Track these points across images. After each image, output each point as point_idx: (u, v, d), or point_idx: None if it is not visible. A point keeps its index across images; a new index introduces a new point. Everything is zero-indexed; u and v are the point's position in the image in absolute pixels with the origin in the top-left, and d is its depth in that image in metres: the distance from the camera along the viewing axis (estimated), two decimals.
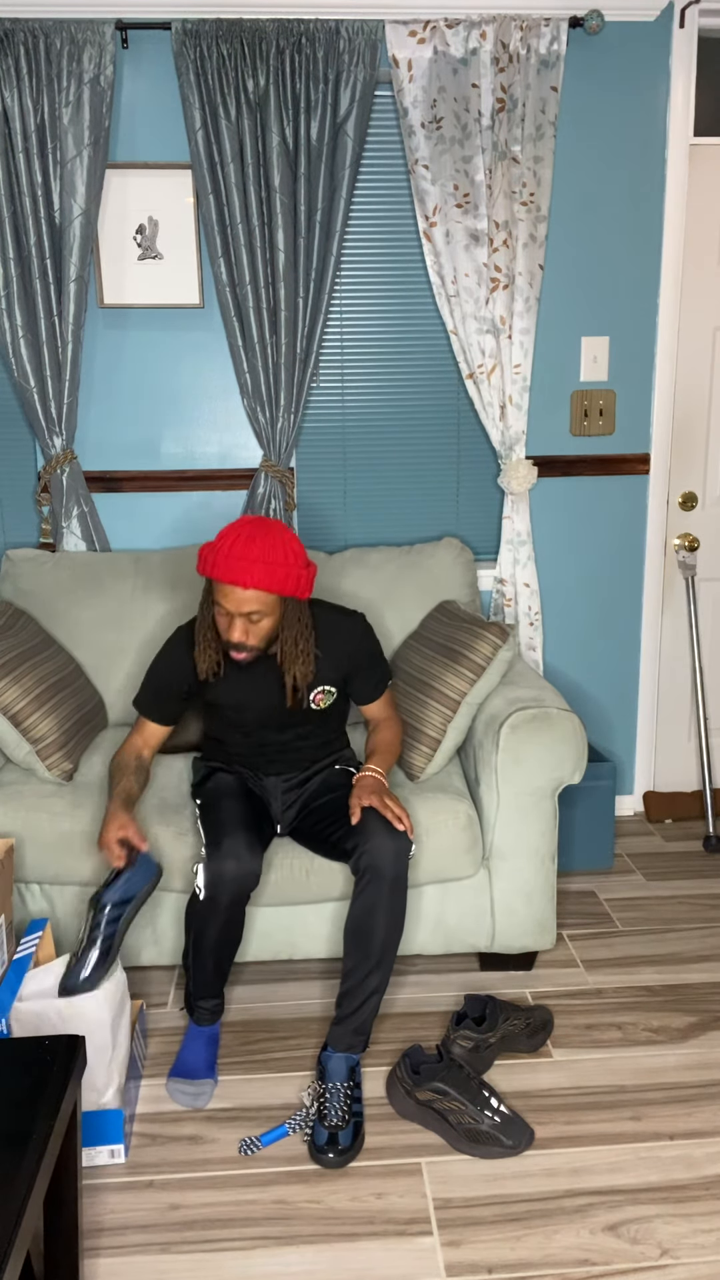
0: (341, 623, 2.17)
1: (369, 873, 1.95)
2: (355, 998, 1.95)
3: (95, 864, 2.18)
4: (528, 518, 2.92)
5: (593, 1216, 1.71)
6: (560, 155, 2.80)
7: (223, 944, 2.00)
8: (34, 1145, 1.28)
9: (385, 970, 1.97)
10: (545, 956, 2.47)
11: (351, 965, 1.96)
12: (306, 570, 2.00)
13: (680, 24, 2.73)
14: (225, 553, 1.93)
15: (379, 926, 1.94)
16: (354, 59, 2.58)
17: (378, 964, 1.95)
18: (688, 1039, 2.16)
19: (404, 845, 1.96)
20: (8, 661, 2.29)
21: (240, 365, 2.77)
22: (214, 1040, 2.08)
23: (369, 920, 1.94)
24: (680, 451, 3.05)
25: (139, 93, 2.69)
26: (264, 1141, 1.87)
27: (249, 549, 1.92)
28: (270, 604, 1.98)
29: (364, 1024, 1.95)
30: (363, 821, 1.99)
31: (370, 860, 1.94)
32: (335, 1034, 1.95)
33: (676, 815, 3.23)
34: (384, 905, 1.94)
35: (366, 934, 1.95)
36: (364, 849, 1.96)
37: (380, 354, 2.92)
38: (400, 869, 1.95)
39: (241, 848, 1.95)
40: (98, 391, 2.86)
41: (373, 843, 1.95)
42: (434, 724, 2.31)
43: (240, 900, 1.96)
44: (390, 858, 1.94)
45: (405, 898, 1.97)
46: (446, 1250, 1.65)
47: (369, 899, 1.95)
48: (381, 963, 1.95)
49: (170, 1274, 1.61)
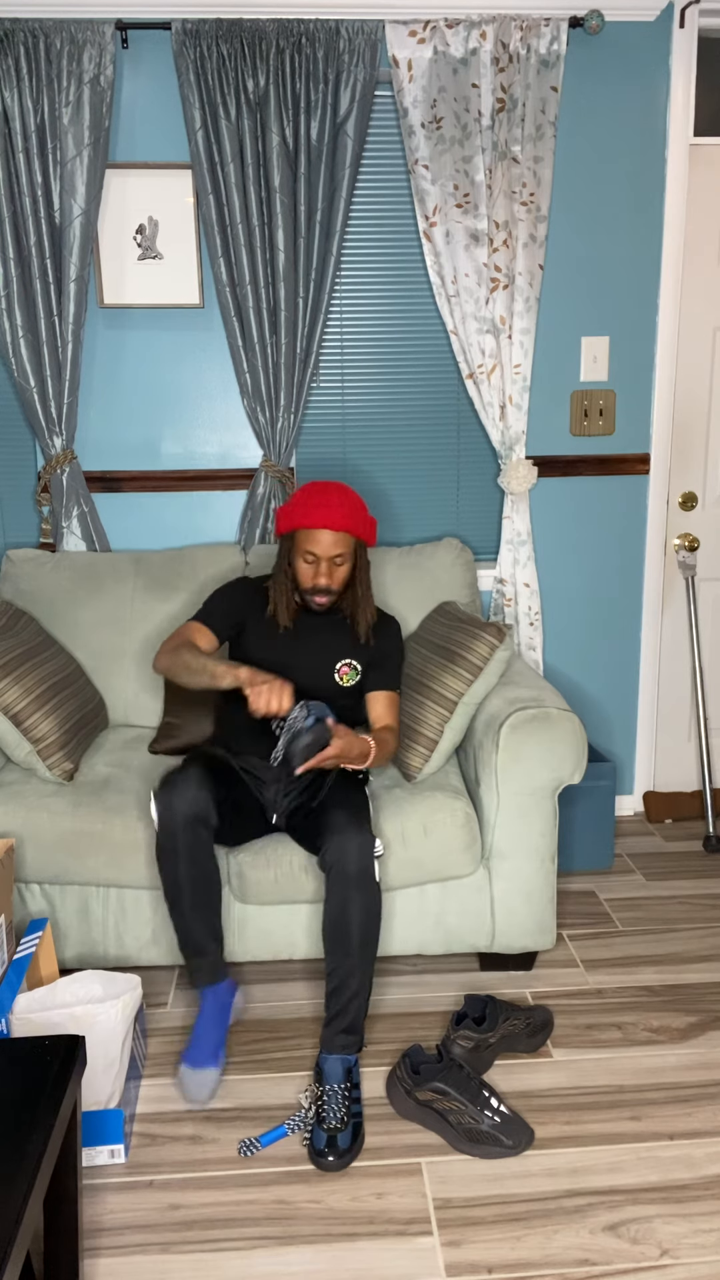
0: (386, 618, 2.39)
1: (334, 870, 1.96)
2: (340, 997, 1.95)
3: (96, 864, 2.19)
4: (528, 518, 2.92)
5: (593, 1216, 1.71)
6: (560, 155, 2.80)
7: (196, 883, 2.00)
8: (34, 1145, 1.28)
9: (366, 967, 1.96)
10: (545, 956, 2.47)
11: (333, 965, 1.96)
12: (372, 518, 2.27)
13: (680, 24, 2.73)
14: (311, 504, 2.17)
15: (352, 923, 1.94)
16: (354, 59, 2.58)
17: (358, 961, 1.95)
18: (688, 1039, 2.16)
19: (367, 840, 1.96)
20: (8, 661, 2.29)
21: (240, 365, 2.77)
22: (222, 1013, 2.04)
23: (342, 918, 1.95)
24: (680, 451, 3.05)
25: (139, 93, 2.69)
26: (263, 1142, 1.87)
27: (328, 498, 2.18)
28: (351, 547, 2.22)
29: (354, 1024, 1.95)
30: (328, 820, 2.01)
31: (334, 857, 1.95)
32: (326, 1036, 1.95)
33: (676, 815, 3.23)
34: (354, 901, 1.94)
35: (342, 932, 1.95)
36: (327, 846, 1.97)
37: (380, 354, 2.92)
38: (364, 864, 1.95)
39: (190, 778, 1.99)
40: (98, 391, 2.86)
41: (334, 840, 1.96)
42: (431, 724, 2.31)
43: (195, 827, 1.97)
44: (354, 854, 1.95)
45: (376, 893, 1.97)
46: (446, 1250, 1.65)
47: (338, 896, 1.95)
48: (361, 960, 1.95)
49: (170, 1274, 1.61)
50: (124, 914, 2.23)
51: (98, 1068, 1.85)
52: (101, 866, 2.18)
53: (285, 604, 2.27)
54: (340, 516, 2.17)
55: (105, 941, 2.25)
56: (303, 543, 2.19)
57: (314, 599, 2.24)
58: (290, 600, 2.28)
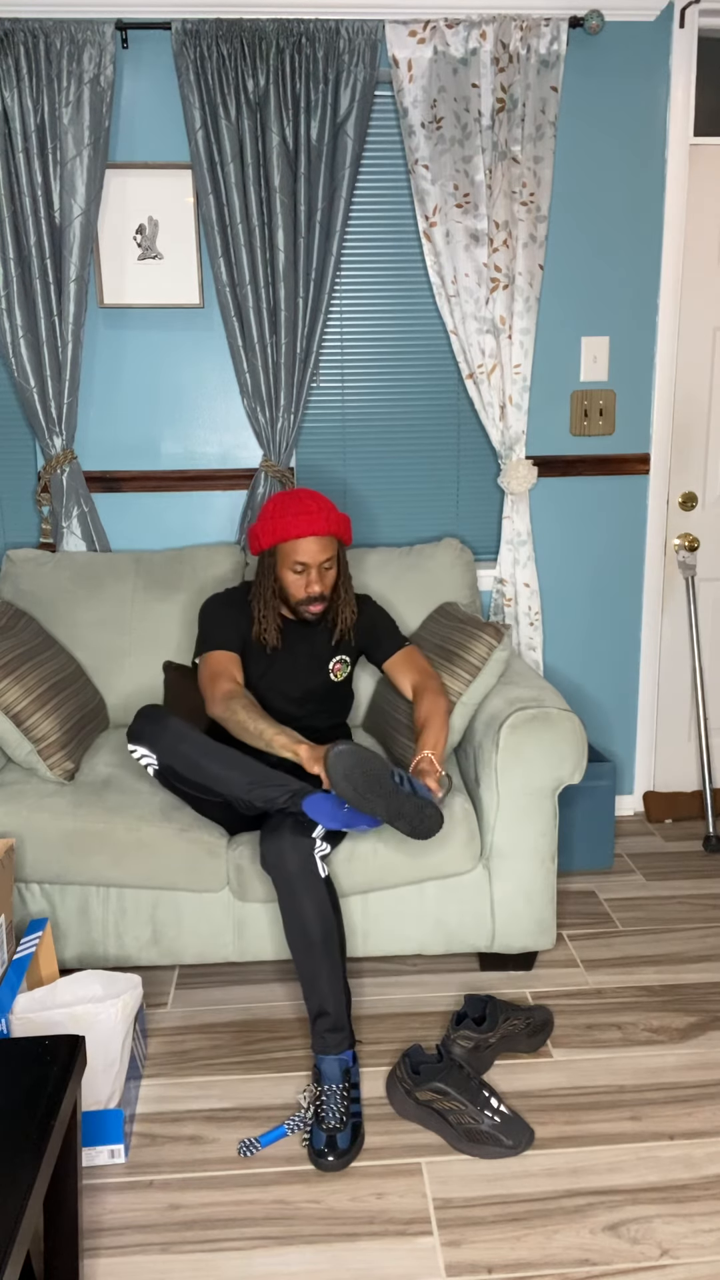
0: (359, 601, 2.39)
1: (275, 872, 1.96)
2: (316, 997, 1.95)
3: (96, 864, 2.18)
4: (528, 518, 2.92)
5: (593, 1216, 1.71)
6: (560, 155, 2.80)
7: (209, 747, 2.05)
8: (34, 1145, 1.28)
9: (332, 962, 1.95)
10: (545, 956, 2.47)
11: (299, 967, 1.96)
12: (344, 515, 2.27)
13: (680, 24, 2.73)
14: (289, 515, 2.15)
15: (307, 922, 1.94)
16: (354, 59, 2.58)
17: (323, 959, 1.94)
18: (688, 1039, 2.16)
19: (302, 840, 1.95)
20: (9, 661, 2.29)
21: (240, 365, 2.77)
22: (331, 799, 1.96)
23: (296, 919, 1.95)
24: (680, 451, 3.05)
25: (139, 93, 2.69)
26: (263, 1142, 1.87)
27: (305, 505, 2.16)
28: (335, 548, 2.21)
29: (338, 1021, 1.94)
30: (267, 821, 2.02)
31: (273, 860, 1.96)
32: (315, 1038, 1.95)
33: (676, 815, 3.23)
34: (304, 901, 1.94)
35: (298, 933, 1.95)
36: (264, 850, 1.98)
37: (380, 354, 2.92)
38: (302, 862, 1.94)
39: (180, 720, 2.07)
40: (98, 391, 2.86)
41: (269, 843, 1.97)
42: None
43: (184, 723, 2.06)
44: (289, 853, 1.94)
45: (324, 889, 1.96)
46: (446, 1250, 1.65)
47: (285, 898, 1.96)
48: (326, 957, 1.94)
49: (170, 1274, 1.61)
50: (124, 914, 2.23)
51: (98, 1068, 1.85)
52: (103, 867, 2.18)
53: (273, 622, 2.25)
54: (322, 521, 2.16)
55: (105, 941, 2.25)
56: (289, 555, 2.18)
57: (308, 609, 2.23)
58: (277, 618, 2.27)
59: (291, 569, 2.19)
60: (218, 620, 2.30)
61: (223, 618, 2.30)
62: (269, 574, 2.23)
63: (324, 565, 2.19)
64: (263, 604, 2.25)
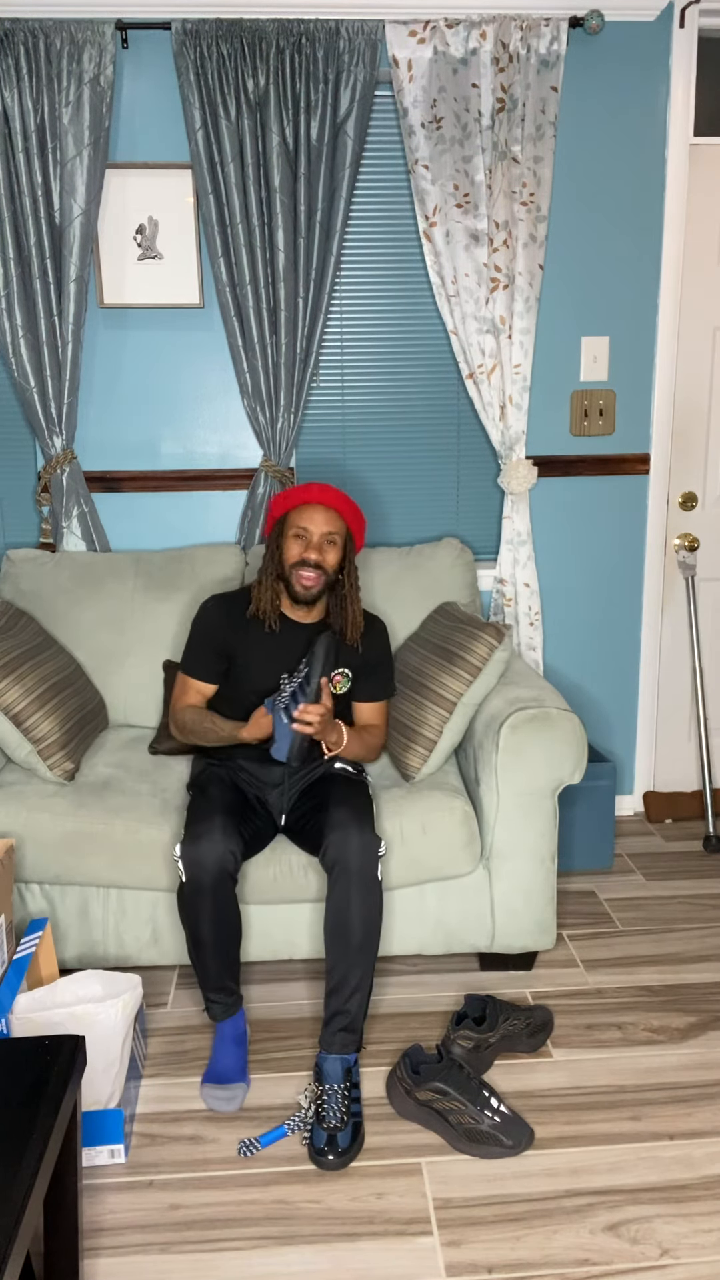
0: (373, 620, 2.36)
1: (336, 867, 1.96)
2: (339, 995, 1.95)
3: (96, 864, 2.19)
4: (528, 518, 2.92)
5: (593, 1216, 1.71)
6: (560, 155, 2.80)
7: (220, 930, 1.99)
8: (34, 1145, 1.28)
9: (366, 966, 1.96)
10: (545, 956, 2.47)
11: (333, 963, 1.96)
12: (363, 518, 2.29)
13: (680, 24, 2.73)
14: (306, 487, 2.21)
15: (354, 921, 1.95)
16: (354, 59, 2.58)
17: (358, 960, 1.95)
18: (688, 1039, 2.16)
19: (370, 840, 1.97)
20: (9, 661, 2.29)
21: (240, 365, 2.77)
22: (241, 1040, 2.07)
23: (343, 916, 1.95)
24: (680, 451, 3.05)
25: (139, 93, 2.69)
26: (263, 1142, 1.87)
27: (325, 486, 2.22)
28: (342, 531, 2.22)
29: (353, 1023, 1.95)
30: (330, 817, 2.01)
31: (337, 854, 1.96)
32: (325, 1035, 1.95)
33: (676, 815, 3.23)
34: (356, 900, 1.95)
35: (342, 930, 1.95)
36: (329, 843, 1.97)
37: (380, 354, 2.92)
38: (366, 861, 1.95)
39: (216, 830, 1.96)
40: (98, 391, 2.86)
41: (336, 836, 1.96)
42: (430, 725, 2.31)
43: (223, 880, 1.96)
44: (356, 850, 1.95)
45: (378, 892, 1.97)
46: (446, 1250, 1.65)
47: (340, 894, 1.96)
48: (361, 959, 1.95)
49: (170, 1274, 1.61)
50: (124, 914, 2.24)
51: (98, 1068, 1.85)
52: (103, 867, 2.18)
53: (270, 598, 2.23)
54: (334, 496, 2.20)
55: (105, 941, 2.25)
56: (294, 521, 2.20)
57: (300, 575, 2.17)
58: (275, 592, 2.23)
59: (294, 533, 2.19)
60: (207, 641, 2.27)
61: (211, 639, 2.27)
62: (274, 543, 2.24)
63: (326, 537, 2.18)
64: (263, 578, 2.25)
